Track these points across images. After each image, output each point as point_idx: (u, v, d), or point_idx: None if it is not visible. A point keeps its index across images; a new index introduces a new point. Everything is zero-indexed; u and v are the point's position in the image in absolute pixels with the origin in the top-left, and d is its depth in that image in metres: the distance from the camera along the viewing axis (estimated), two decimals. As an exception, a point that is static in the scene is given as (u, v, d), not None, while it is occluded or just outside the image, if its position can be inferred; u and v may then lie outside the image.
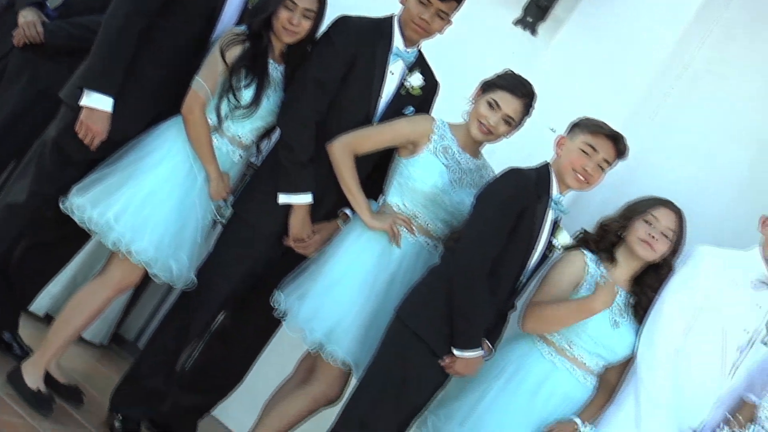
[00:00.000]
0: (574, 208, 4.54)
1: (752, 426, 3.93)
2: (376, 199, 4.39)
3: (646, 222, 4.14)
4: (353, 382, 4.25)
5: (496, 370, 4.20)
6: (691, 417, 4.11)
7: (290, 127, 4.27)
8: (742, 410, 4.04)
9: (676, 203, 4.22)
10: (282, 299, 4.30)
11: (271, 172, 4.34)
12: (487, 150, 4.42)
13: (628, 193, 4.33)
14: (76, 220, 4.09)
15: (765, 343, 4.13)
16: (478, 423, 4.13)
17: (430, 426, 4.20)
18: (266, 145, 4.45)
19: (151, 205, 4.08)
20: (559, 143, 4.21)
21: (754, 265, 4.16)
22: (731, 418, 4.00)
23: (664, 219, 4.13)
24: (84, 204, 4.07)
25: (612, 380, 4.25)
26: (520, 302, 4.27)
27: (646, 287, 4.18)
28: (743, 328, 4.13)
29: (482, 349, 4.09)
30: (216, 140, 4.19)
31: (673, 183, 4.65)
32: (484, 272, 3.99)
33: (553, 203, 4.17)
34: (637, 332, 4.18)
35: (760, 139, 4.90)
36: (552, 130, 4.40)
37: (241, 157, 4.32)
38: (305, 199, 4.28)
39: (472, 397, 4.18)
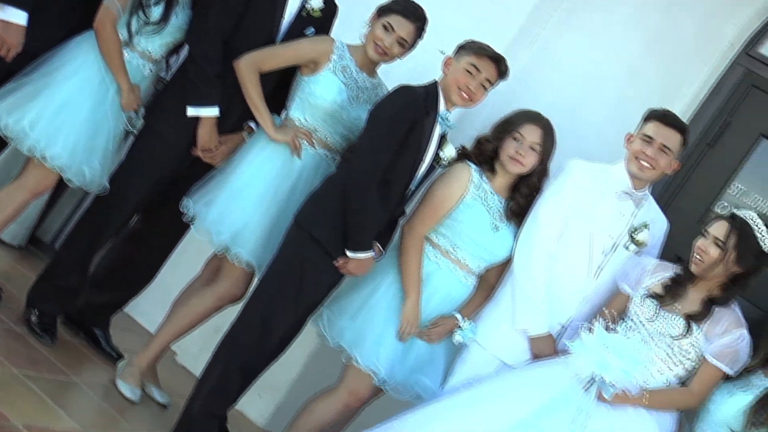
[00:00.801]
0: (461, 124, 4.63)
1: (622, 322, 4.06)
2: (279, 114, 4.42)
3: (515, 139, 4.24)
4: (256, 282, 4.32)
5: (386, 269, 4.29)
6: (561, 314, 4.24)
7: (198, 43, 4.28)
8: (615, 301, 4.18)
9: (549, 118, 4.30)
10: (191, 205, 4.35)
11: (180, 86, 4.34)
12: (382, 70, 4.46)
13: (510, 110, 4.37)
14: (-9, 127, 4.05)
15: (626, 248, 4.26)
16: (368, 317, 4.23)
17: (325, 320, 4.28)
18: (175, 61, 4.43)
19: (65, 114, 4.06)
20: (447, 63, 4.28)
21: (619, 178, 4.26)
22: (606, 312, 4.10)
23: (529, 135, 4.23)
24: (0, 112, 4.02)
25: (491, 280, 4.37)
26: (409, 209, 4.36)
27: (518, 194, 4.29)
28: (608, 234, 4.25)
29: (373, 251, 4.18)
30: (127, 54, 4.17)
31: (550, 102, 4.73)
32: (375, 181, 4.07)
33: (440, 118, 4.25)
34: (515, 236, 4.30)
35: (629, 63, 5.03)
36: (441, 52, 4.44)
37: (151, 71, 4.30)
38: (212, 112, 4.30)
39: (363, 293, 4.28)
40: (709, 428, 3.94)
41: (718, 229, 4.00)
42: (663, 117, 4.23)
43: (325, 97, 4.29)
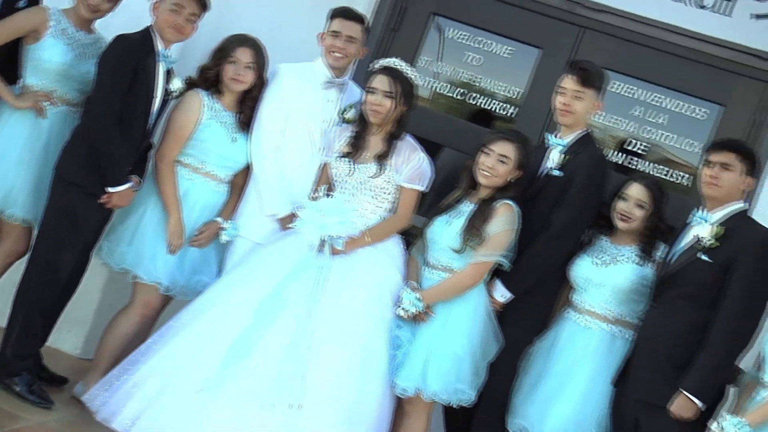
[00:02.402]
0: (184, 58, 4.69)
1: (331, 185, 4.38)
2: (15, 83, 4.37)
3: (232, 63, 4.40)
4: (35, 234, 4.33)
5: (147, 195, 4.40)
6: (299, 194, 4.45)
7: None
8: (323, 174, 4.40)
9: (256, 38, 4.46)
10: (-44, 182, 4.28)
11: None
12: (101, 24, 4.47)
13: (224, 35, 4.50)
14: None
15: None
16: (141, 238, 4.37)
17: (106, 250, 4.40)
18: None
19: None
20: (155, 8, 4.32)
21: (321, 71, 4.51)
22: (314, 187, 4.39)
23: (243, 57, 4.39)
24: None
25: (239, 182, 4.57)
26: (156, 139, 4.45)
27: (244, 107, 4.48)
28: (322, 119, 4.51)
29: (131, 183, 4.27)
30: None
31: (256, 22, 4.86)
32: (114, 121, 4.13)
33: (161, 57, 4.31)
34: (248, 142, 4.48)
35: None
36: (147, -1, 4.48)
37: None
38: None
39: (133, 219, 4.40)
40: (438, 254, 4.30)
41: (381, 82, 4.28)
42: (343, 12, 4.49)
43: (52, 60, 4.30)
